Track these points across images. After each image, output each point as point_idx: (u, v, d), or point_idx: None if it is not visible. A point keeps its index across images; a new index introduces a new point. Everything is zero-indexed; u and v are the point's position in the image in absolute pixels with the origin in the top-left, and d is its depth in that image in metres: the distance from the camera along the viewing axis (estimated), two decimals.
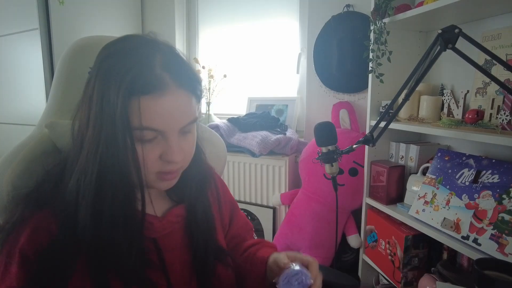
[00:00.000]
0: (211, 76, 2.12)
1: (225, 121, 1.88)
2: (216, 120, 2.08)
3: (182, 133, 0.55)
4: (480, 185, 1.00)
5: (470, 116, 1.04)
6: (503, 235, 0.88)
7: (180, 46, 2.31)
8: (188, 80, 0.54)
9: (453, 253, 1.17)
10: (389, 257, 1.28)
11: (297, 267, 0.59)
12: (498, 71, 1.08)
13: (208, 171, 0.74)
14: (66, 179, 0.55)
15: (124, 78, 0.49)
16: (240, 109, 2.23)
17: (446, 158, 1.15)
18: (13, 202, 0.59)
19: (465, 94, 1.14)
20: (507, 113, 0.95)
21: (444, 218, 1.04)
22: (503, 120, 0.96)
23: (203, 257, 0.64)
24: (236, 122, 1.87)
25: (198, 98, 0.58)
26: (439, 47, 0.85)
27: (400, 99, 0.97)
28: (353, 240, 1.53)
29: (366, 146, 1.38)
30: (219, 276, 0.66)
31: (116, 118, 0.49)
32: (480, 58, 1.12)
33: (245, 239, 0.80)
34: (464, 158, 1.09)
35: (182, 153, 0.55)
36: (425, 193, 1.15)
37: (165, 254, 0.61)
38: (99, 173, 0.51)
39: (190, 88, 0.54)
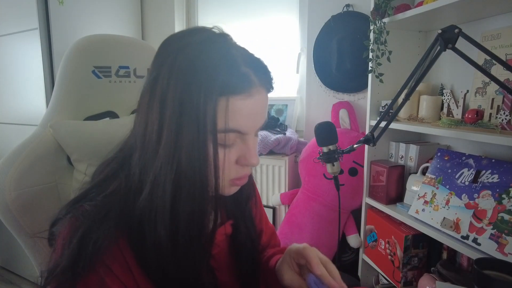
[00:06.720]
0: None
1: None
2: None
3: (256, 134, 0.51)
4: (480, 185, 1.00)
5: (469, 116, 1.04)
6: (503, 234, 0.88)
7: None
8: (267, 77, 0.51)
9: (452, 253, 1.18)
10: (389, 257, 1.28)
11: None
12: (497, 71, 1.08)
13: (253, 181, 0.68)
14: (130, 195, 0.48)
15: (212, 77, 0.43)
16: None
17: (446, 158, 1.15)
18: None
19: (465, 94, 1.14)
20: (506, 113, 0.95)
21: (444, 218, 1.04)
22: (502, 120, 0.96)
23: (248, 279, 0.60)
24: None
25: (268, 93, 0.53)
26: (439, 47, 0.85)
27: (400, 99, 0.97)
28: (353, 240, 1.53)
29: (366, 146, 1.38)
30: None
31: (200, 121, 0.43)
32: (480, 58, 1.12)
33: (269, 247, 0.75)
34: (463, 158, 1.09)
35: (258, 156, 0.51)
36: (425, 193, 1.15)
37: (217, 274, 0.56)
38: (174, 182, 0.45)
39: (268, 86, 0.51)
